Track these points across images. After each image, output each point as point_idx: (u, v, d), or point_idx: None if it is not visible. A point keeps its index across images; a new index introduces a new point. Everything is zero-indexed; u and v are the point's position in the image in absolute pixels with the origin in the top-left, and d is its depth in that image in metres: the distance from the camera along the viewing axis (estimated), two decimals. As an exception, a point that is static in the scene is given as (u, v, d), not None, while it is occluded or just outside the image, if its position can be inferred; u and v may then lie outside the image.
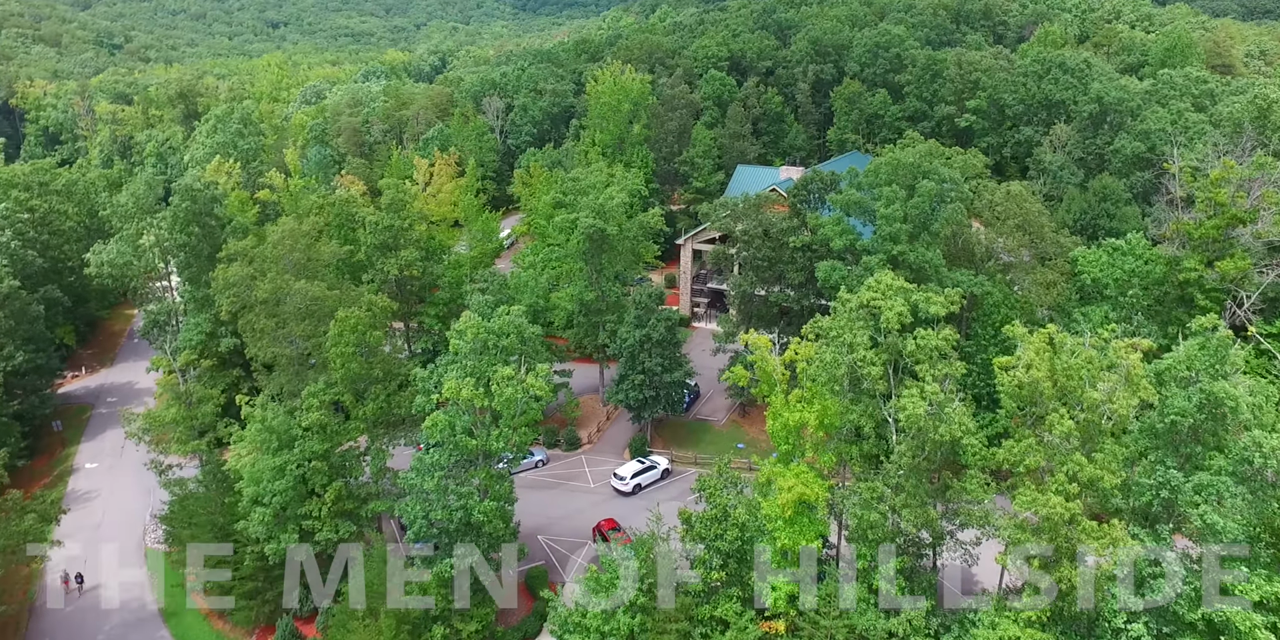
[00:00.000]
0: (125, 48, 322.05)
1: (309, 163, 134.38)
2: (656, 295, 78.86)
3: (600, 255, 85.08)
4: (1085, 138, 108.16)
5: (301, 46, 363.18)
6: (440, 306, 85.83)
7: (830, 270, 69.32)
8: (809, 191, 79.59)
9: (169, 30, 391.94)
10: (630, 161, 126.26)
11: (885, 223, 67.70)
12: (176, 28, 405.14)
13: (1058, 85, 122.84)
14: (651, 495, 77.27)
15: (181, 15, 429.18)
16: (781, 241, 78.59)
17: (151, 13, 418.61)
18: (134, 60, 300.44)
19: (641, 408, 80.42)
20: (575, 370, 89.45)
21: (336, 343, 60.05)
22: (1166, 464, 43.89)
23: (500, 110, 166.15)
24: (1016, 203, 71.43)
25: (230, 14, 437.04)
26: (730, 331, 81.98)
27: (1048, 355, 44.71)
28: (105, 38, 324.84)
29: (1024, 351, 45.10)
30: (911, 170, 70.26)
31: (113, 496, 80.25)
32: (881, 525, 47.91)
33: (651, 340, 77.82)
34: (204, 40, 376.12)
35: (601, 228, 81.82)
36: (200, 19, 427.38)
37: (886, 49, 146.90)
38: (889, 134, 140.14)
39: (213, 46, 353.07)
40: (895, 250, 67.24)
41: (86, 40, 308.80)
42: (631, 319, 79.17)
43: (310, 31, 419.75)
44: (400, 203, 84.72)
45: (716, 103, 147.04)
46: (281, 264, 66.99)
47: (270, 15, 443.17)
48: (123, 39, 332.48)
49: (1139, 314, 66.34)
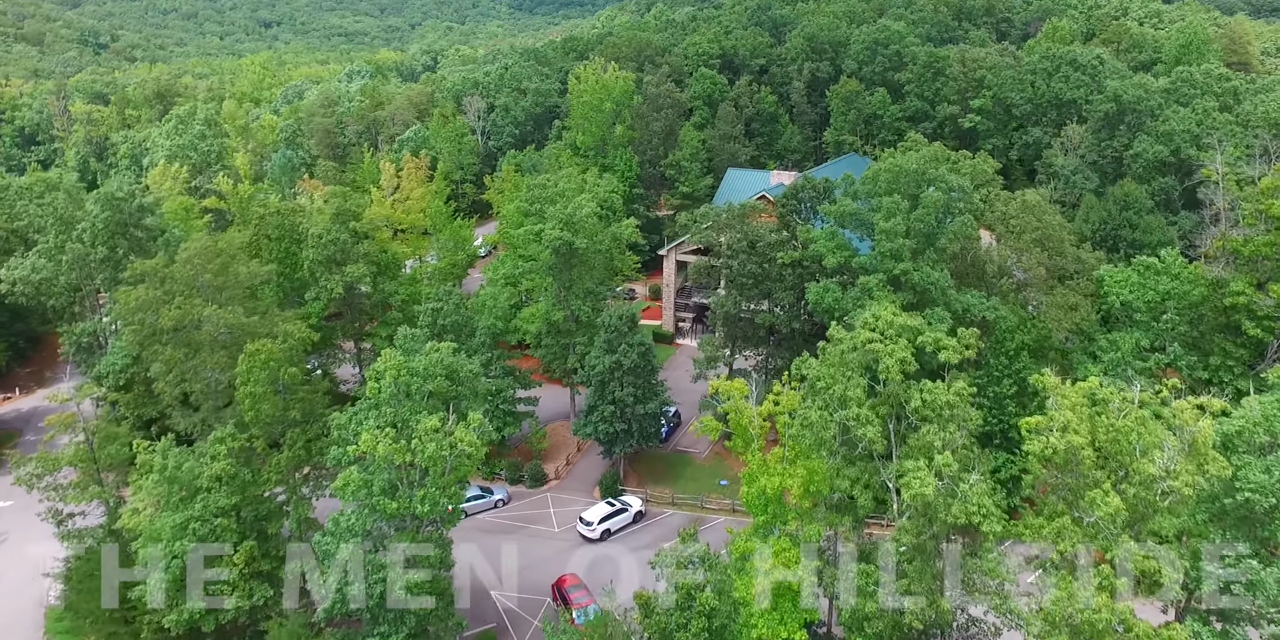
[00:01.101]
0: (111, 47, 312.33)
1: (273, 166, 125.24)
2: (629, 317, 69.50)
3: (569, 270, 75.85)
4: (1100, 140, 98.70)
5: (293, 46, 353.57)
6: (392, 327, 76.50)
7: (822, 293, 60.00)
8: (799, 201, 70.25)
9: (159, 29, 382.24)
10: (613, 165, 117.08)
11: (885, 238, 58.34)
12: (167, 27, 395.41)
13: (1068, 83, 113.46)
14: (623, 541, 68.21)
15: (173, 14, 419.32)
16: (769, 256, 69.28)
17: (142, 12, 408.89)
18: (119, 60, 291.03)
19: (612, 442, 71.17)
20: (545, 394, 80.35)
21: (245, 381, 50.78)
22: (1240, 552, 34.62)
23: (482, 110, 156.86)
24: (1034, 214, 62.11)
25: (222, 13, 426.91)
26: (713, 355, 72.73)
27: (1086, 413, 35.34)
28: (90, 37, 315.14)
29: (1058, 410, 35.65)
30: (914, 178, 60.90)
31: (23, 543, 70.92)
32: (879, 617, 38.65)
33: (623, 367, 68.50)
34: (194, 40, 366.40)
35: (569, 241, 72.65)
36: (191, 18, 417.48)
37: (886, 46, 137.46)
38: (888, 135, 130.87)
39: (202, 46, 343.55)
40: (897, 270, 57.92)
41: (70, 39, 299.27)
42: (601, 343, 69.91)
43: (303, 31, 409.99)
44: (348, 213, 75.49)
45: (707, 102, 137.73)
46: (192, 286, 57.71)
47: (263, 14, 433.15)
48: (109, 38, 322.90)
49: (1174, 343, 57.01)
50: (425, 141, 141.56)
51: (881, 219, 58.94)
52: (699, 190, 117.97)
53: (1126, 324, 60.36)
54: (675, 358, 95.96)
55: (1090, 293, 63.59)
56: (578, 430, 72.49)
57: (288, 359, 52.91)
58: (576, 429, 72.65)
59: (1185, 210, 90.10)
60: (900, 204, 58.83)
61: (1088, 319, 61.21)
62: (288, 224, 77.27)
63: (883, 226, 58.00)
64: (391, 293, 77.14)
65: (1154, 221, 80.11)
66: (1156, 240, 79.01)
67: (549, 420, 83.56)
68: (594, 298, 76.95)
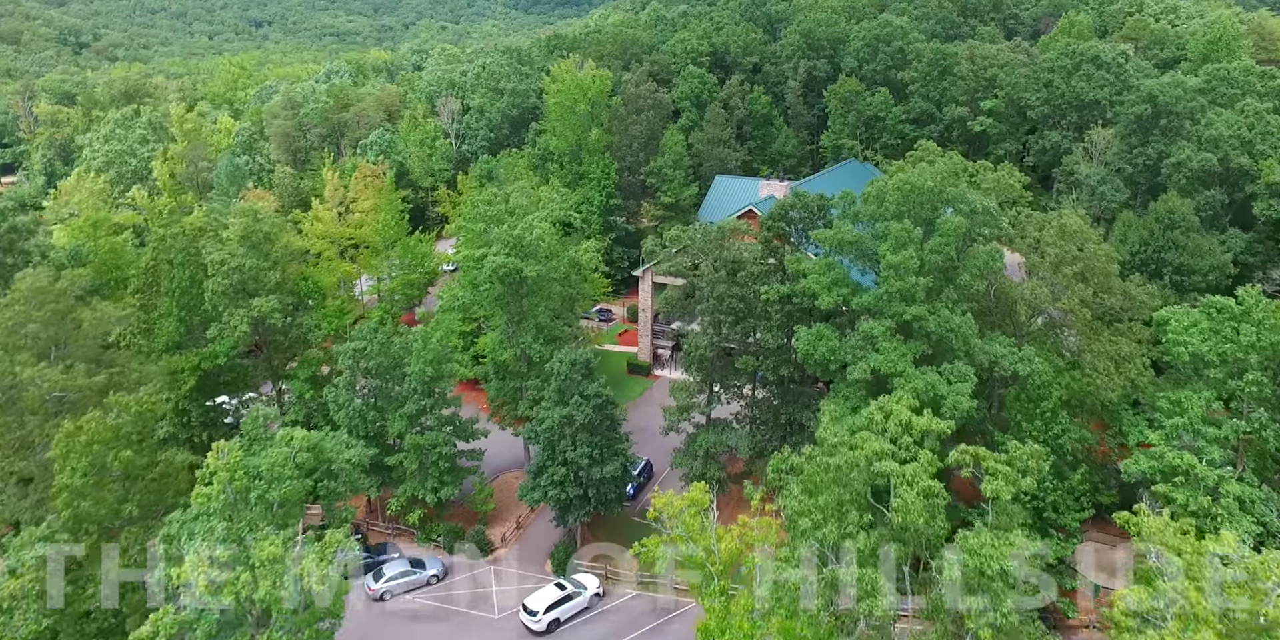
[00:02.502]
0: (93, 46, 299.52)
1: (218, 175, 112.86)
2: (583, 364, 56.89)
3: (519, 302, 63.40)
4: (1131, 146, 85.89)
5: (282, 46, 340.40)
6: (313, 366, 64.15)
7: (814, 341, 47.47)
8: (788, 223, 57.61)
9: (147, 29, 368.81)
10: (588, 172, 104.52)
11: (894, 275, 45.74)
12: (155, 26, 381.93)
13: (1091, 83, 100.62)
14: (575, 632, 55.79)
15: (162, 13, 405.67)
16: (753, 288, 56.71)
17: (129, 11, 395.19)
18: (100, 59, 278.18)
19: (565, 510, 58.71)
20: (496, 438, 67.80)
21: (61, 469, 38.51)
22: None
23: (456, 112, 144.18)
24: (1074, 242, 49.46)
25: (212, 13, 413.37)
26: (685, 405, 60.19)
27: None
28: (71, 36, 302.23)
29: (1167, 578, 23.07)
30: (929, 198, 48.27)
31: None
32: None
33: (575, 423, 56.02)
34: (182, 39, 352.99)
35: (517, 268, 60.21)
36: (181, 18, 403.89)
37: (888, 42, 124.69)
38: (890, 139, 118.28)
39: (189, 45, 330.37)
40: (908, 315, 45.26)
41: (49, 38, 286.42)
42: (551, 393, 57.38)
43: (294, 31, 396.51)
44: (261, 236, 63.05)
45: (695, 103, 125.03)
46: (19, 337, 45.35)
47: (254, 14, 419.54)
48: (91, 37, 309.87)
49: (1262, 409, 44.43)
50: (392, 146, 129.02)
51: (889, 250, 46.39)
52: (683, 200, 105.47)
53: (1193, 379, 47.74)
54: (652, 392, 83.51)
55: (1143, 338, 51.08)
56: (524, 494, 60.00)
57: (124, 437, 40.43)
58: (523, 493, 60.15)
59: (1233, 227, 77.57)
60: (912, 232, 46.26)
61: (1143, 374, 48.73)
62: (194, 248, 64.71)
63: (891, 260, 45.42)
64: (311, 327, 64.62)
65: (1204, 242, 67.48)
66: (1208, 265, 66.44)
67: (501, 469, 71.29)
68: (549, 334, 64.45)
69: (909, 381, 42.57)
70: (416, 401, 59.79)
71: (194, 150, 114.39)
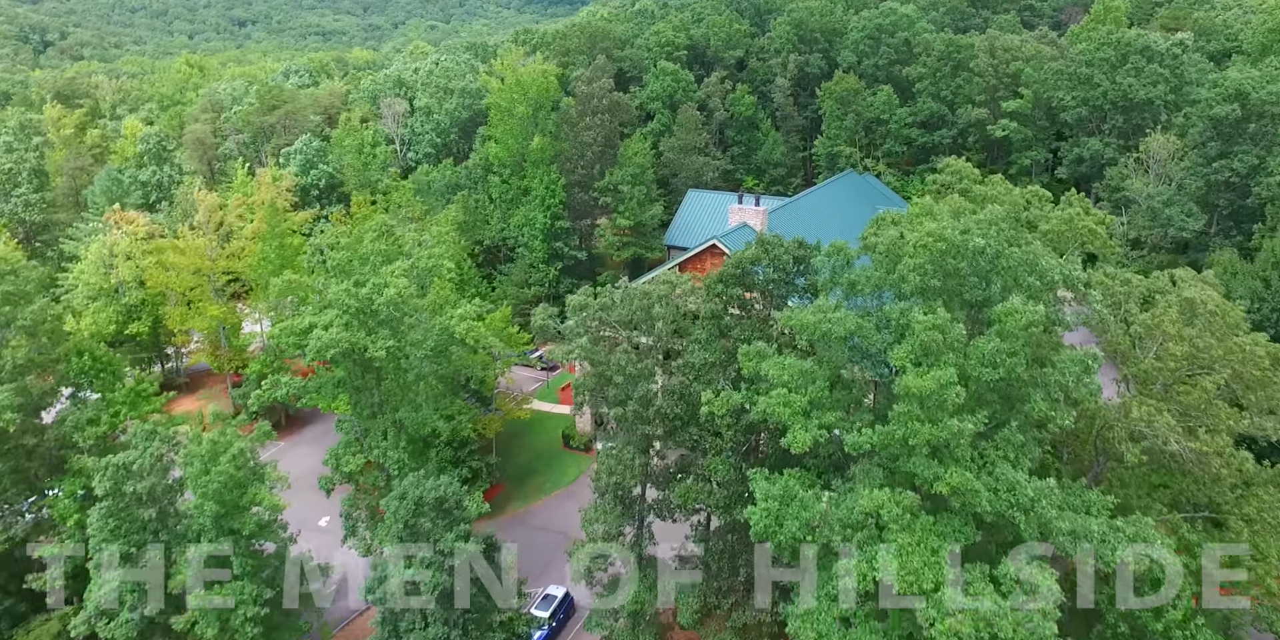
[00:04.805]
0: (58, 44, 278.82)
1: (92, 191, 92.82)
2: (454, 499, 36.43)
3: (370, 391, 43.07)
4: (1209, 157, 65.21)
5: (263, 45, 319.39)
6: (78, 484, 43.62)
7: (771, 515, 26.79)
8: (747, 287, 36.92)
9: (123, 27, 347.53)
10: (530, 187, 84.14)
11: (918, 406, 25.13)
12: (133, 25, 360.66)
13: (1141, 78, 79.89)
14: None
15: (141, 13, 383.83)
16: (697, 386, 36.29)
17: (107, 9, 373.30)
18: (64, 58, 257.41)
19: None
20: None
21: None
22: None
23: (402, 115, 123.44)
24: (1214, 333, 28.67)
25: (194, 12, 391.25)
26: (598, 553, 39.81)
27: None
28: (36, 33, 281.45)
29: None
30: (978, 265, 27.60)
31: None
32: None
33: (422, 594, 35.62)
34: (159, 39, 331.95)
35: (360, 346, 39.95)
36: (161, 17, 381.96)
37: (891, 33, 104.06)
38: (895, 145, 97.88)
39: (164, 45, 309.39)
40: (944, 484, 24.54)
41: (9, 35, 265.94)
42: (392, 542, 36.98)
43: (278, 30, 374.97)
44: (9, 297, 42.77)
45: (668, 104, 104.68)
46: None
47: (238, 13, 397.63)
48: (57, 35, 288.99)
49: None
50: (321, 154, 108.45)
51: (908, 359, 25.78)
52: (646, 221, 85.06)
53: None
54: (587, 475, 63.20)
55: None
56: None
57: None
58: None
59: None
60: (950, 328, 25.62)
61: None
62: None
63: (913, 385, 24.81)
64: (79, 425, 44.06)
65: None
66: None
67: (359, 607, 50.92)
68: (416, 432, 44.04)
69: (941, 609, 22.16)
70: (211, 538, 39.56)
71: (74, 160, 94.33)
